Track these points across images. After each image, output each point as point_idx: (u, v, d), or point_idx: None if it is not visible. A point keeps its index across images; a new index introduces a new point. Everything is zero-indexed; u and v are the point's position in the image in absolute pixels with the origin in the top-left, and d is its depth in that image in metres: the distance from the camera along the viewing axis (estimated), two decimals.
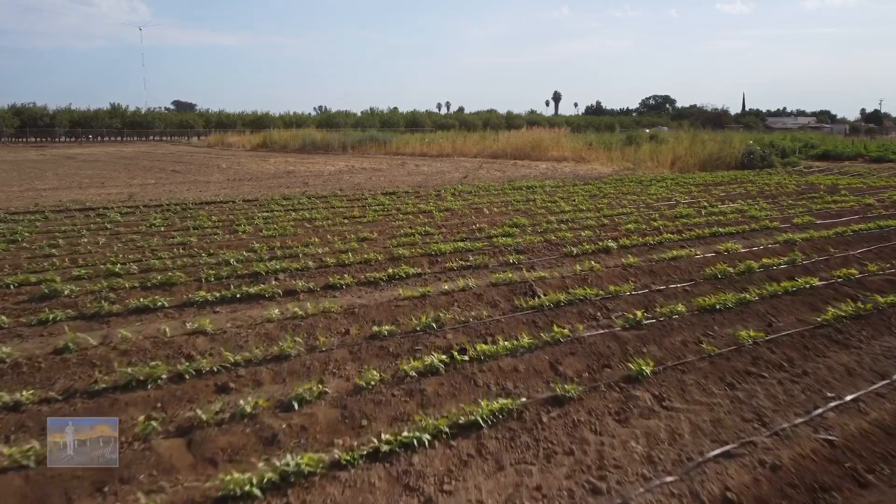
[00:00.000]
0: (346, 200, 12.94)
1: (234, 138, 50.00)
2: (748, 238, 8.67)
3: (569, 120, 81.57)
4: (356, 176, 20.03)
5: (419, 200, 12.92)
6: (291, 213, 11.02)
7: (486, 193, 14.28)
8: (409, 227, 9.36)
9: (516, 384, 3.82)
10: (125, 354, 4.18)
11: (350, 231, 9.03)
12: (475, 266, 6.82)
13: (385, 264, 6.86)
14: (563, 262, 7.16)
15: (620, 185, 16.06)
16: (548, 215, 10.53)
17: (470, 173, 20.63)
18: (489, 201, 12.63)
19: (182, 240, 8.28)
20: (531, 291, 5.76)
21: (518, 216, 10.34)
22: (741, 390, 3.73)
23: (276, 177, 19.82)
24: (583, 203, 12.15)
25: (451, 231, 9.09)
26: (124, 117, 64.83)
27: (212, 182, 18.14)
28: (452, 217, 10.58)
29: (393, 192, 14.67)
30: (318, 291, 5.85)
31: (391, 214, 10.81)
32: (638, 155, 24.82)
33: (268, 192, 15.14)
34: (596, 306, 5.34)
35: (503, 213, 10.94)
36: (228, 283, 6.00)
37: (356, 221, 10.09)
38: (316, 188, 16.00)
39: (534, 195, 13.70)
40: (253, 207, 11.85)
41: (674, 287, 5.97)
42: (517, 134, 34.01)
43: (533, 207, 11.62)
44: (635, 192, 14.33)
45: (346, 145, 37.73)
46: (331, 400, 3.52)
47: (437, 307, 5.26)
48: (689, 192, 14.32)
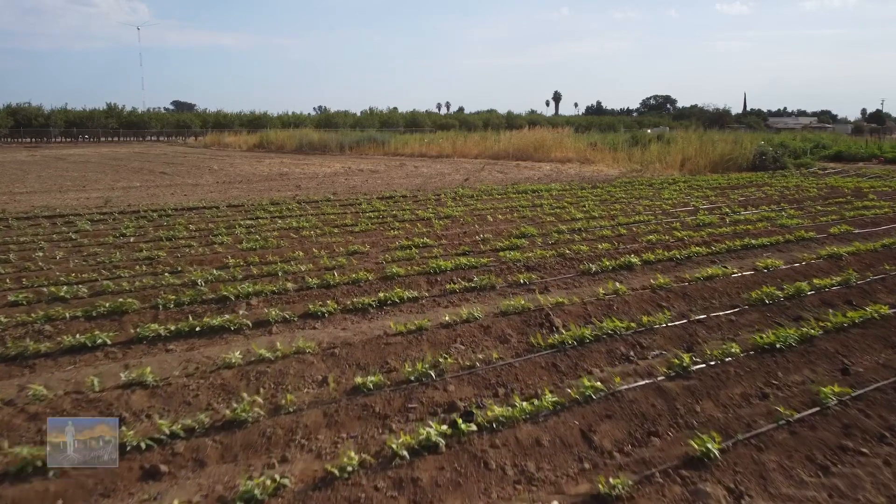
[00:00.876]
0: (338, 206, 12.01)
1: (231, 139, 49.11)
2: (784, 251, 7.74)
3: (570, 120, 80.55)
4: (352, 178, 19.12)
5: (417, 206, 12.00)
6: (278, 220, 10.09)
7: (489, 198, 13.36)
8: (406, 237, 8.44)
9: (540, 465, 2.89)
10: (35, 419, 3.25)
11: (340, 243, 8.11)
12: (480, 287, 5.90)
13: (376, 285, 5.94)
14: (580, 282, 6.24)
15: (631, 189, 15.13)
16: (558, 224, 9.60)
17: (471, 175, 19.71)
18: (493, 207, 11.70)
19: (149, 253, 7.35)
20: (548, 323, 4.83)
21: (525, 225, 9.41)
22: (840, 476, 2.81)
23: (269, 179, 18.91)
24: (594, 209, 11.22)
25: (451, 243, 8.17)
26: (120, 117, 63.96)
27: (200, 185, 17.23)
28: (453, 225, 9.65)
29: (390, 196, 13.74)
30: (295, 322, 4.92)
31: (386, 222, 9.88)
32: (645, 156, 23.88)
33: (257, 196, 14.22)
34: (628, 343, 4.42)
35: (509, 221, 10.01)
36: (190, 311, 5.08)
37: (347, 231, 9.15)
38: (309, 192, 15.07)
39: (540, 200, 12.78)
40: (237, 214, 10.93)
41: (716, 316, 5.04)
42: (519, 134, 33.03)
43: (541, 214, 10.69)
44: (648, 197, 13.40)
45: (343, 146, 36.81)
46: (291, 498, 2.59)
47: (436, 346, 4.34)
48: (706, 197, 13.39)
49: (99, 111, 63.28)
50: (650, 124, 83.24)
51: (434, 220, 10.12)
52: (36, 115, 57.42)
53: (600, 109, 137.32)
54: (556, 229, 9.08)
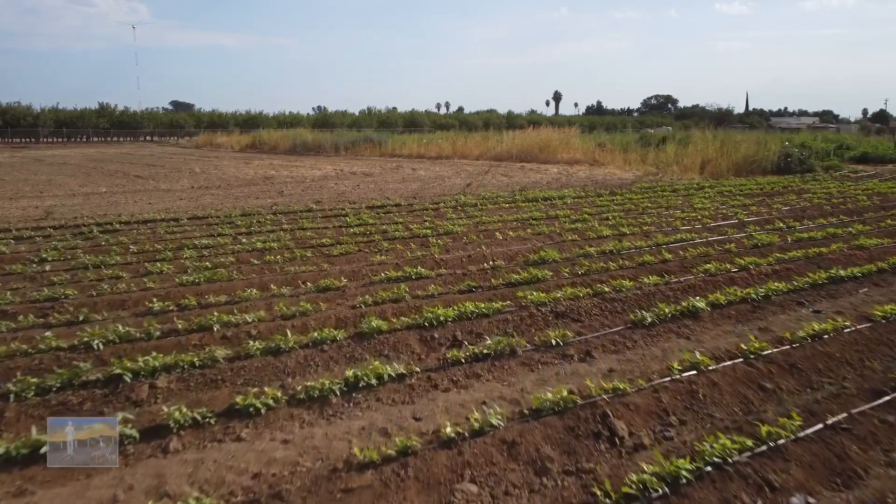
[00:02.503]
0: (319, 219, 10.24)
1: (223, 139, 47.38)
2: (884, 285, 5.99)
3: (571, 120, 78.72)
4: (343, 182, 17.35)
5: (412, 218, 10.23)
6: (242, 239, 8.32)
7: (496, 207, 11.60)
8: (395, 264, 6.67)
9: None
10: None
11: (310, 273, 6.34)
12: (496, 353, 4.14)
13: (346, 349, 4.18)
14: (634, 341, 4.48)
15: (654, 196, 13.37)
16: (583, 244, 7.84)
17: (473, 180, 17.95)
18: (500, 220, 9.94)
19: (57, 291, 5.58)
20: (607, 430, 3.08)
21: (544, 245, 7.65)
22: None
23: (251, 184, 17.14)
24: (622, 223, 9.44)
25: (453, 272, 6.40)
26: (112, 117, 62.26)
27: (173, 191, 15.47)
28: (455, 246, 7.89)
29: (381, 205, 11.98)
30: (212, 426, 3.16)
31: (373, 241, 8.11)
32: (661, 158, 22.09)
33: (231, 204, 12.47)
34: (748, 482, 2.66)
35: (522, 240, 8.25)
36: (37, 413, 3.31)
37: (324, 254, 7.38)
38: (291, 199, 13.32)
39: (555, 210, 11.01)
40: (197, 229, 9.16)
41: (862, 415, 3.28)
42: (523, 134, 31.19)
43: (559, 230, 8.91)
44: (678, 206, 11.65)
45: (338, 146, 35.04)
46: None
47: (431, 489, 2.58)
48: (745, 206, 11.63)
49: (90, 111, 61.58)
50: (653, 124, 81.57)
51: (431, 237, 8.36)
52: (25, 114, 55.65)
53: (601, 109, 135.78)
54: (581, 251, 7.31)
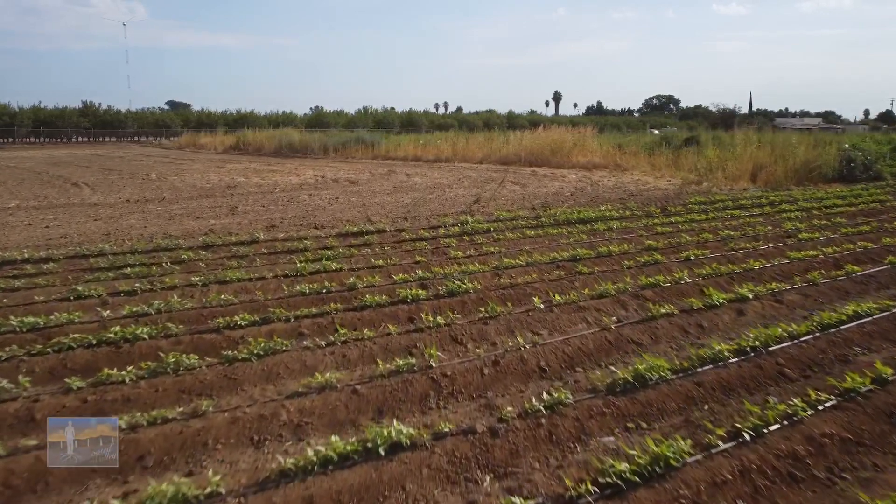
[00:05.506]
0: (262, 257, 6.91)
1: (207, 139, 44.04)
2: None
3: (573, 120, 75.43)
4: (320, 193, 14.01)
5: (399, 257, 6.90)
6: (105, 310, 4.98)
7: (517, 236, 8.28)
8: (352, 389, 3.36)
9: None
10: None
11: (170, 432, 3.03)
12: None
13: None
14: None
15: (721, 215, 10.08)
16: (689, 324, 4.52)
17: (480, 190, 14.60)
18: (529, 262, 6.60)
19: None
20: None
21: (626, 332, 4.35)
22: None
23: (205, 195, 13.81)
24: (714, 266, 6.13)
25: (469, 423, 3.10)
26: (96, 116, 58.99)
27: (102, 205, 12.15)
28: (467, 327, 4.56)
29: (358, 231, 8.65)
30: None
31: (326, 315, 4.77)
32: (700, 163, 18.76)
33: (160, 226, 9.19)
34: None
35: (575, 309, 4.91)
36: None
37: (222, 359, 4.05)
38: (243, 219, 10.01)
39: (601, 239, 7.69)
40: (48, 285, 5.83)
41: None
42: (533, 135, 27.75)
43: (629, 286, 5.58)
44: (780, 237, 8.35)
45: (328, 147, 31.69)
46: None
47: None
48: (861, 233, 8.34)
49: (70, 110, 58.32)
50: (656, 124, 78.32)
51: (425, 303, 5.02)
52: (1, 113, 52.34)
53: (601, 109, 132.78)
54: (703, 351, 4.00)
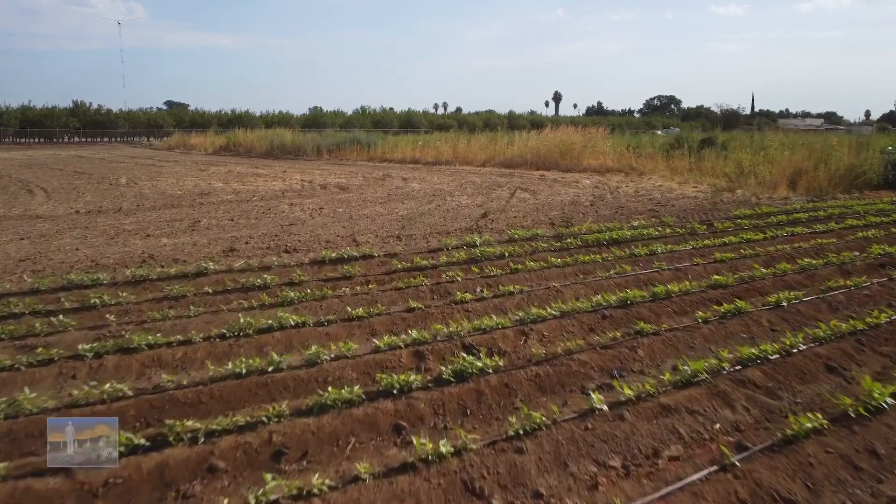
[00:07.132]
0: (206, 298, 5.12)
1: (197, 140, 42.25)
2: None
3: (574, 120, 73.77)
4: (303, 203, 12.21)
5: (388, 295, 5.11)
6: None
7: (540, 265, 6.47)
8: None
9: None
10: None
11: None
12: None
13: None
14: None
15: (784, 233, 8.31)
16: (854, 464, 2.76)
17: (486, 199, 12.81)
18: (563, 311, 4.82)
19: None
20: None
21: None
22: None
23: (172, 205, 12.01)
24: (806, 311, 4.36)
25: None
26: (86, 116, 57.24)
27: (43, 218, 10.36)
28: (485, 439, 2.78)
29: (338, 258, 6.84)
30: None
31: (258, 424, 2.97)
32: (728, 167, 16.97)
33: (96, 249, 7.43)
34: None
35: (652, 411, 3.14)
36: None
37: None
38: (204, 236, 8.22)
39: (649, 272, 5.92)
40: None
41: None
42: (540, 136, 25.86)
43: (716, 359, 3.80)
44: (871, 264, 6.58)
45: (321, 149, 29.90)
46: None
47: None
48: None
49: (59, 110, 56.61)
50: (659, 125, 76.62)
51: (421, 403, 3.24)
52: None
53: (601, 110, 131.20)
54: None
